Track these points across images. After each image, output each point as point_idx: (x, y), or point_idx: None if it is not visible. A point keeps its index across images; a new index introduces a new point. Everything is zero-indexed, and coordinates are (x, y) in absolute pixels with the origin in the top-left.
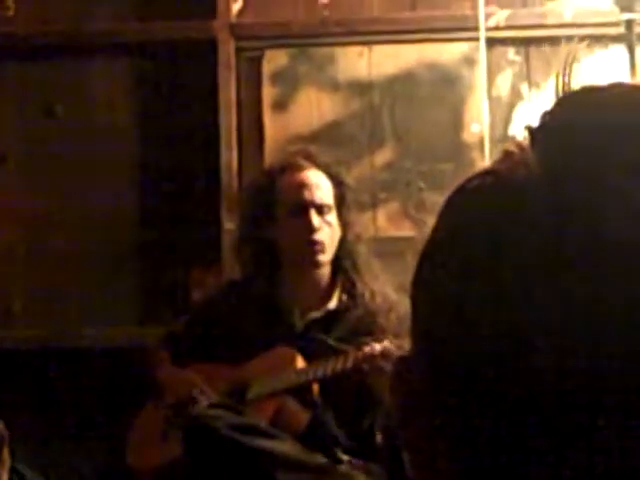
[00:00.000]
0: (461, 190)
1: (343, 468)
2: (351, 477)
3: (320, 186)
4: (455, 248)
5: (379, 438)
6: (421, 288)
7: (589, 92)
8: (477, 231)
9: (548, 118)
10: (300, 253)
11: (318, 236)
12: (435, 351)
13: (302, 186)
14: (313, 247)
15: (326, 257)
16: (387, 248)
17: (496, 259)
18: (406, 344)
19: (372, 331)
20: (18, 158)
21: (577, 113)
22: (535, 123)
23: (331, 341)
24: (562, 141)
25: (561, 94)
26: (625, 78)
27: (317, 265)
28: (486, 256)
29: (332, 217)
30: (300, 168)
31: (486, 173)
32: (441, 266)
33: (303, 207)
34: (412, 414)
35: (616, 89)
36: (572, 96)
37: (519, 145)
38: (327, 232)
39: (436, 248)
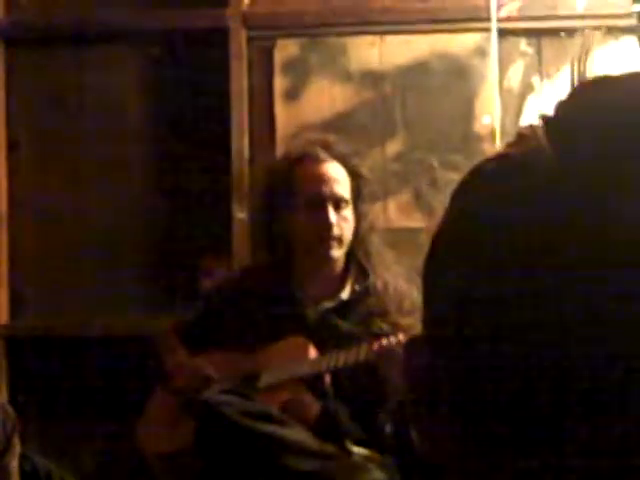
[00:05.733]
0: (475, 173)
1: (354, 458)
2: (362, 466)
3: (339, 180)
4: (469, 232)
5: (389, 427)
6: (434, 272)
7: (603, 82)
8: (492, 215)
9: (562, 107)
10: (315, 247)
11: (334, 232)
12: (445, 335)
13: (320, 179)
14: (328, 242)
15: (340, 252)
16: (398, 238)
17: (510, 244)
18: (417, 333)
19: (385, 321)
20: (29, 148)
21: (591, 103)
22: (548, 112)
23: (345, 326)
24: (575, 131)
25: (575, 82)
26: (637, 69)
27: (331, 260)
28: (500, 241)
29: (348, 211)
30: (319, 160)
31: (500, 157)
32: (455, 249)
33: (321, 201)
34: (422, 394)
35: (630, 79)
36: (586, 86)
37: (533, 131)
38: (343, 227)
39: (450, 232)
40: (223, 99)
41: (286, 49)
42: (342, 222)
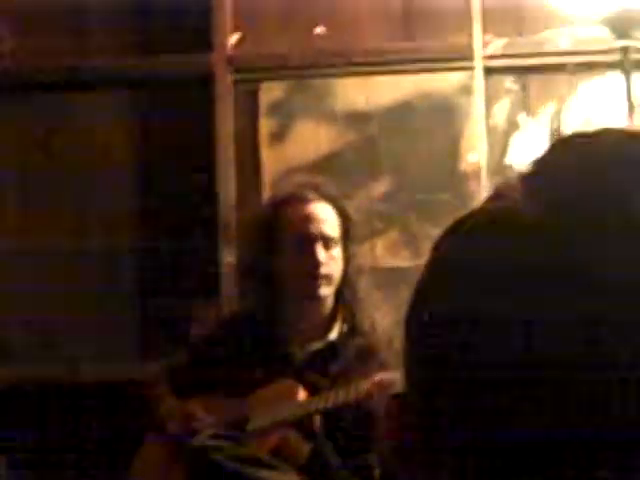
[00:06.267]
0: (455, 228)
1: None
2: None
3: (327, 220)
4: (448, 291)
5: (378, 470)
6: (414, 327)
7: (579, 139)
8: (471, 267)
9: (540, 164)
10: (303, 286)
11: (323, 270)
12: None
13: (309, 219)
14: (317, 281)
15: (328, 290)
16: (386, 278)
17: (490, 296)
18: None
19: (373, 362)
20: (15, 192)
21: (568, 160)
22: (527, 164)
23: (334, 367)
24: (553, 187)
25: (555, 135)
26: (621, 104)
27: (319, 299)
28: (479, 293)
29: (337, 251)
30: (307, 200)
31: (479, 212)
32: (433, 308)
33: (309, 240)
34: (408, 449)
35: (604, 135)
36: (563, 142)
37: (510, 187)
38: (332, 266)
39: (429, 287)
40: (209, 143)
41: (271, 91)
42: (331, 261)
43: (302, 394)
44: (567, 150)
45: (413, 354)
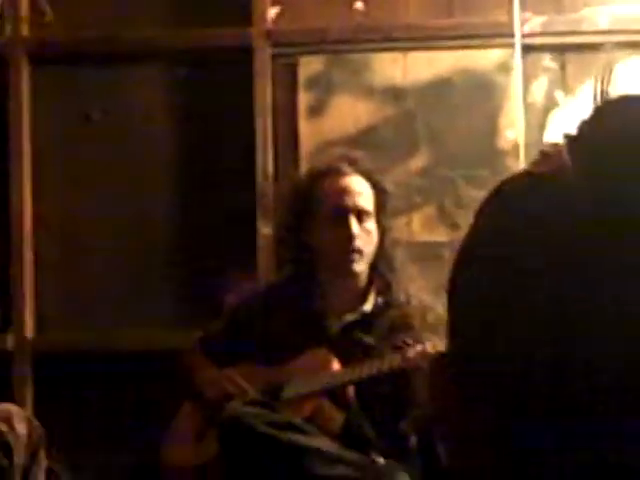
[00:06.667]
0: (499, 191)
1: (379, 469)
2: (390, 472)
3: (362, 193)
4: (498, 248)
5: (413, 439)
6: (462, 286)
7: (626, 101)
8: (516, 231)
9: (586, 126)
10: (337, 260)
11: (357, 244)
12: (471, 348)
13: (344, 192)
14: (351, 255)
15: (362, 265)
16: (422, 252)
17: (535, 260)
18: (440, 346)
19: (407, 334)
20: (55, 163)
21: (614, 122)
22: (571, 130)
23: (368, 338)
24: (599, 150)
25: (598, 101)
26: None
27: (353, 273)
28: (525, 257)
29: (371, 224)
30: (343, 173)
31: (524, 175)
32: (479, 266)
33: (343, 213)
34: (448, 407)
35: None
36: (609, 105)
37: (557, 150)
38: (366, 239)
39: (476, 248)
40: (247, 116)
41: (310, 66)
42: (364, 234)
43: (336, 364)
44: (611, 113)
45: (457, 314)
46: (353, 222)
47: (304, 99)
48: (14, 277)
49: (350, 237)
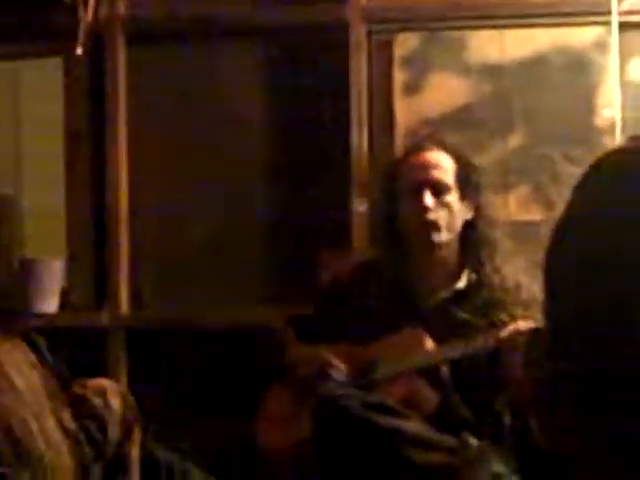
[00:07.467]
0: (598, 166)
1: (474, 450)
2: (484, 458)
3: (438, 166)
4: (595, 224)
5: (507, 419)
6: (557, 264)
7: None
8: (616, 206)
9: None
10: (415, 233)
11: (430, 216)
12: (567, 327)
13: (421, 166)
14: (426, 227)
15: (441, 238)
16: (516, 231)
17: (636, 236)
18: (535, 324)
19: (501, 311)
20: (151, 141)
21: None
22: None
23: (462, 315)
24: None
25: None
26: None
27: (431, 245)
28: (625, 233)
29: (451, 197)
30: (423, 149)
31: (623, 150)
32: (578, 241)
33: (418, 186)
34: (543, 389)
35: None
36: None
37: None
38: (443, 212)
39: (573, 225)
40: (343, 93)
41: (406, 43)
42: (439, 207)
43: (429, 343)
44: None
45: (553, 290)
46: (427, 195)
47: (400, 77)
48: (110, 254)
49: (423, 210)
